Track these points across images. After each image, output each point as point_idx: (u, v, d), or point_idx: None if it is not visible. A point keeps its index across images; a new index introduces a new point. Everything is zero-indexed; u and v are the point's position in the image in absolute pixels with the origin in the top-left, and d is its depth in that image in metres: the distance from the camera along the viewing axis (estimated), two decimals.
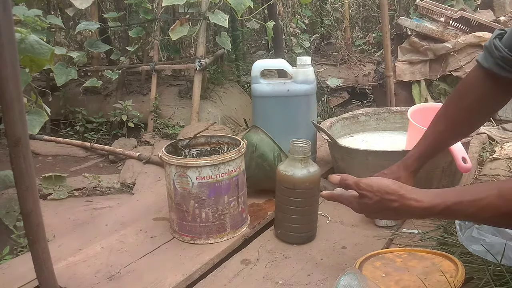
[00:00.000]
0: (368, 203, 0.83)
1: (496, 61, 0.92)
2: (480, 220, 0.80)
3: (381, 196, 0.80)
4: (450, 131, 1.05)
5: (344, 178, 0.88)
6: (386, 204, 0.80)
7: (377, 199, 0.81)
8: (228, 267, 1.07)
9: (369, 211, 0.87)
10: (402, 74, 2.55)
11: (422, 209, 0.77)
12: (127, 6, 2.86)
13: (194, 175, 1.11)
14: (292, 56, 3.28)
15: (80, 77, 2.68)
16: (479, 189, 0.75)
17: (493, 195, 0.70)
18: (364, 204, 0.84)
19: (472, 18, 2.42)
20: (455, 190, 0.82)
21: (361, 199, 0.85)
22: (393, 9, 3.65)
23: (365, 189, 0.83)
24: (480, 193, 0.72)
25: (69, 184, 1.88)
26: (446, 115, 1.05)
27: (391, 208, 0.80)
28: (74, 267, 1.08)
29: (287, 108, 1.55)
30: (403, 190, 0.79)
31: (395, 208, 0.79)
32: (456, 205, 0.74)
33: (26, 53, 1.28)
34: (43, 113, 1.45)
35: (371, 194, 0.82)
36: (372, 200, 0.82)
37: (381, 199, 0.80)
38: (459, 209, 0.74)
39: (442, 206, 0.75)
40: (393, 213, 0.81)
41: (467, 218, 0.82)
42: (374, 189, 0.81)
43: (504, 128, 2.12)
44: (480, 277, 0.92)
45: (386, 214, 0.84)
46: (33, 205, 0.73)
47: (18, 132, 0.69)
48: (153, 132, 2.59)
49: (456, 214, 0.76)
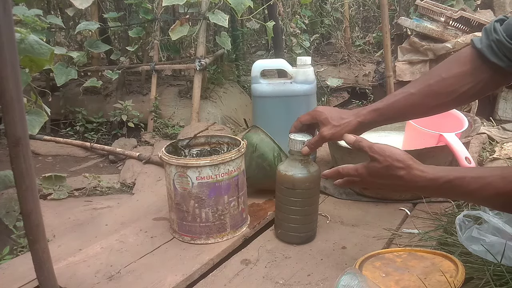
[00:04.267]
0: (377, 166, 0.86)
1: (490, 43, 0.87)
2: (480, 199, 0.81)
3: (391, 162, 0.84)
4: (420, 98, 0.96)
5: (359, 139, 0.92)
6: (393, 171, 0.84)
7: (386, 164, 0.85)
8: (228, 267, 1.07)
9: (375, 176, 0.88)
10: (402, 74, 2.55)
11: (426, 180, 0.80)
12: (127, 6, 2.86)
13: (194, 175, 1.11)
14: (292, 56, 3.28)
15: (80, 77, 2.68)
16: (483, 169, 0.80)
17: (496, 175, 0.74)
18: (373, 168, 0.87)
19: (472, 18, 2.42)
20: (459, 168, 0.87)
21: (370, 163, 0.88)
22: (393, 9, 3.65)
23: (377, 152, 0.86)
24: (483, 172, 0.77)
25: (69, 184, 1.88)
26: (423, 81, 0.97)
27: (397, 177, 0.84)
28: (74, 267, 1.08)
29: (287, 108, 1.55)
30: (412, 161, 0.83)
31: (400, 176, 0.83)
32: (459, 180, 0.77)
33: (26, 53, 1.28)
34: (43, 113, 1.45)
35: (382, 158, 0.85)
36: (381, 164, 0.85)
37: (390, 165, 0.84)
38: (461, 184, 0.77)
39: (445, 178, 0.78)
40: (397, 181, 0.84)
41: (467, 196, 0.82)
42: (386, 153, 0.85)
43: (504, 128, 2.12)
44: (480, 277, 0.92)
45: (390, 183, 0.87)
46: (33, 205, 0.73)
47: (18, 132, 0.69)
48: (153, 132, 2.59)
49: (457, 189, 0.78)
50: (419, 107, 0.98)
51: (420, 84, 0.97)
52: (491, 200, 0.77)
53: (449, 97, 0.94)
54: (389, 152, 0.85)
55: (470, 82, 0.92)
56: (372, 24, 4.39)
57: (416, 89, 0.96)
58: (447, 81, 0.93)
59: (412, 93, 0.96)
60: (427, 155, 1.30)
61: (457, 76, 0.92)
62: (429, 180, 0.80)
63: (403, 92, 0.98)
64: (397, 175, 0.84)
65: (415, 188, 0.84)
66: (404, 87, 0.99)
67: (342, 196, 1.44)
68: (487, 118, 2.35)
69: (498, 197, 0.74)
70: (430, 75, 0.97)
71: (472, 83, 0.92)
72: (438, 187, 0.80)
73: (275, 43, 2.83)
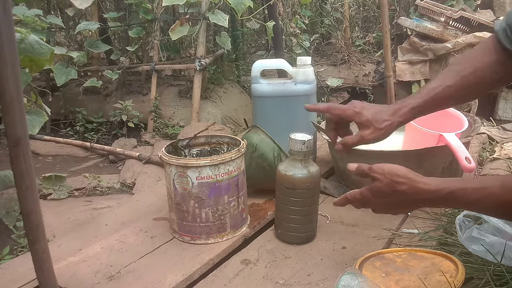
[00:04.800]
0: (379, 185, 0.86)
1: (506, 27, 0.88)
2: (482, 209, 0.82)
3: (391, 178, 0.84)
4: (457, 90, 0.95)
5: (360, 165, 0.92)
6: (396, 187, 0.84)
7: (387, 181, 0.84)
8: (228, 267, 1.07)
9: (379, 196, 0.88)
10: (402, 74, 2.56)
11: (429, 192, 0.81)
12: (127, 6, 2.86)
13: (194, 175, 1.11)
14: (292, 56, 3.28)
15: (80, 77, 2.68)
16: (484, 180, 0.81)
17: (496, 186, 0.75)
18: (375, 188, 0.87)
19: (472, 18, 2.42)
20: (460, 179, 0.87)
21: (373, 183, 0.88)
22: (393, 9, 3.65)
23: (376, 172, 0.86)
24: (484, 183, 0.78)
25: (69, 184, 1.89)
26: (456, 72, 0.96)
27: (400, 192, 0.83)
28: (74, 267, 1.08)
29: (287, 108, 1.55)
30: (412, 174, 0.83)
31: (403, 191, 0.83)
32: (461, 191, 0.78)
33: (26, 53, 1.28)
34: (43, 113, 1.45)
35: (382, 176, 0.85)
36: (383, 182, 0.85)
37: (391, 181, 0.84)
38: (463, 195, 0.78)
39: (447, 190, 0.79)
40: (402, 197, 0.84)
41: (469, 206, 0.84)
42: (385, 171, 0.85)
43: (504, 128, 2.12)
44: (480, 277, 0.92)
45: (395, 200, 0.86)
46: (33, 205, 0.73)
47: (18, 132, 0.69)
48: (153, 132, 2.59)
49: (459, 200, 0.79)
50: (456, 99, 0.99)
51: (454, 76, 0.96)
52: (492, 209, 0.79)
53: (484, 86, 0.96)
54: (388, 169, 0.85)
55: (499, 70, 0.93)
56: (372, 24, 4.39)
57: (452, 82, 0.95)
58: (480, 72, 0.94)
59: (449, 85, 0.95)
60: (427, 155, 1.30)
61: (487, 66, 0.93)
62: (432, 192, 0.80)
63: (440, 85, 0.96)
64: (400, 191, 0.83)
65: (419, 200, 0.83)
66: (436, 80, 0.98)
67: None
68: (487, 118, 2.35)
69: (498, 207, 0.76)
70: (461, 66, 0.97)
71: (502, 71, 0.93)
72: (441, 198, 0.80)
73: (275, 43, 2.83)
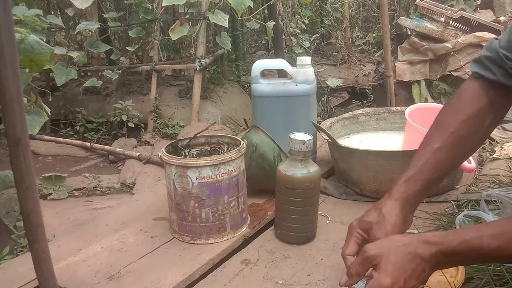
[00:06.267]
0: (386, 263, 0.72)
1: (508, 71, 0.84)
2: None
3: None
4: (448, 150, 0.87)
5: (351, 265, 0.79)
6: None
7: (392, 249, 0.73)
8: (228, 267, 1.07)
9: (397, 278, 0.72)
10: (402, 74, 2.55)
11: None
12: (127, 6, 2.87)
13: (194, 175, 1.11)
14: (292, 56, 3.28)
15: (80, 77, 2.68)
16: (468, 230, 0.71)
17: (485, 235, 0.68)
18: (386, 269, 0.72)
19: (472, 18, 2.42)
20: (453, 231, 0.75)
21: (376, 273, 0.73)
22: (393, 9, 3.65)
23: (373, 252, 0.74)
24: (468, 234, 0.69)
25: (69, 184, 1.89)
26: (441, 131, 0.88)
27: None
28: (74, 267, 1.08)
29: (287, 108, 1.54)
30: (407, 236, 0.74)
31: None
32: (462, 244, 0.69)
33: (26, 53, 1.28)
34: (43, 113, 1.45)
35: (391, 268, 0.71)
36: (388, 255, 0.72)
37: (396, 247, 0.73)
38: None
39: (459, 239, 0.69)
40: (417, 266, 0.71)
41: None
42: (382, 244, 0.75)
43: (504, 128, 2.11)
44: (480, 277, 0.92)
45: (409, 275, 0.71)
46: (33, 205, 0.73)
47: (18, 132, 0.69)
48: (153, 132, 2.59)
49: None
50: (451, 159, 0.89)
51: (441, 136, 0.88)
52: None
53: (477, 136, 0.90)
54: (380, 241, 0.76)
55: (491, 114, 0.88)
56: (372, 24, 4.39)
57: (440, 143, 0.87)
58: (469, 123, 0.87)
59: (438, 147, 0.87)
60: None
61: (477, 114, 0.87)
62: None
63: (428, 151, 0.87)
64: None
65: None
66: (422, 146, 0.90)
67: (342, 196, 1.44)
68: None
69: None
70: (446, 122, 0.90)
71: (493, 113, 0.88)
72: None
73: (275, 43, 2.83)
